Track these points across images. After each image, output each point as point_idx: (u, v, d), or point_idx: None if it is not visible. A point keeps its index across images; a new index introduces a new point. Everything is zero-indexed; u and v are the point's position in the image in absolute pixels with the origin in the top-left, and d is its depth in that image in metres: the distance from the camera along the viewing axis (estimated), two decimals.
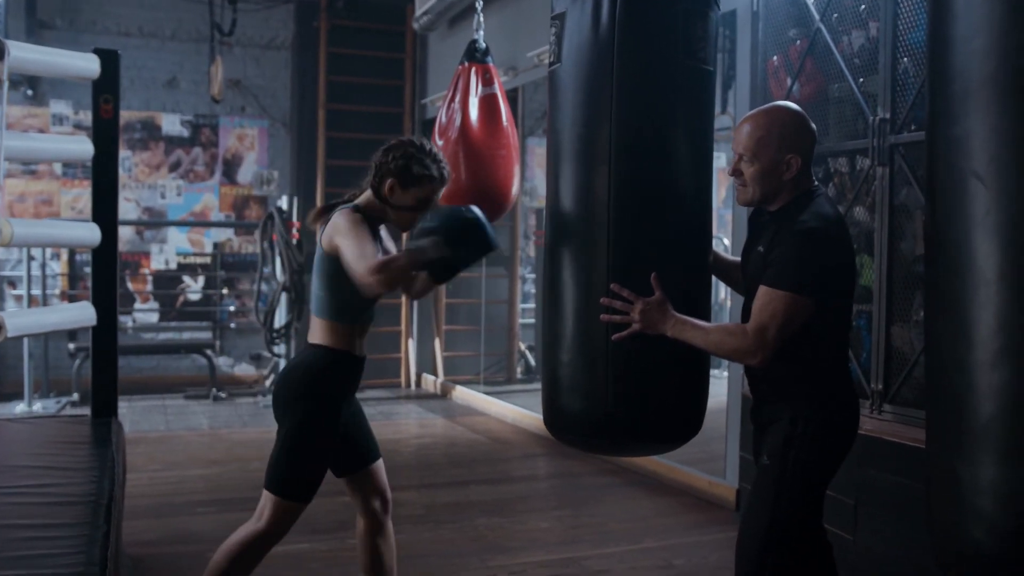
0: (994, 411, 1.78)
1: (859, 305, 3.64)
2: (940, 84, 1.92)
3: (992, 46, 1.77)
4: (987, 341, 1.79)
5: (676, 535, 4.20)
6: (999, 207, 1.77)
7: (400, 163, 2.60)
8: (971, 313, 1.81)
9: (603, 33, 2.29)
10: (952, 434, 1.87)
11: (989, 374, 1.79)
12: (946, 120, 1.88)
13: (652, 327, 2.29)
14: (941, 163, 1.91)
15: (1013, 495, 1.77)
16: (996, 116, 1.77)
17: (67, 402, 7.13)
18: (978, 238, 1.80)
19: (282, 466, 2.61)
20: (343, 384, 2.67)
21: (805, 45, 3.93)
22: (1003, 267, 1.77)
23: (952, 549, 1.91)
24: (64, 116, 7.96)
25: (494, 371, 8.42)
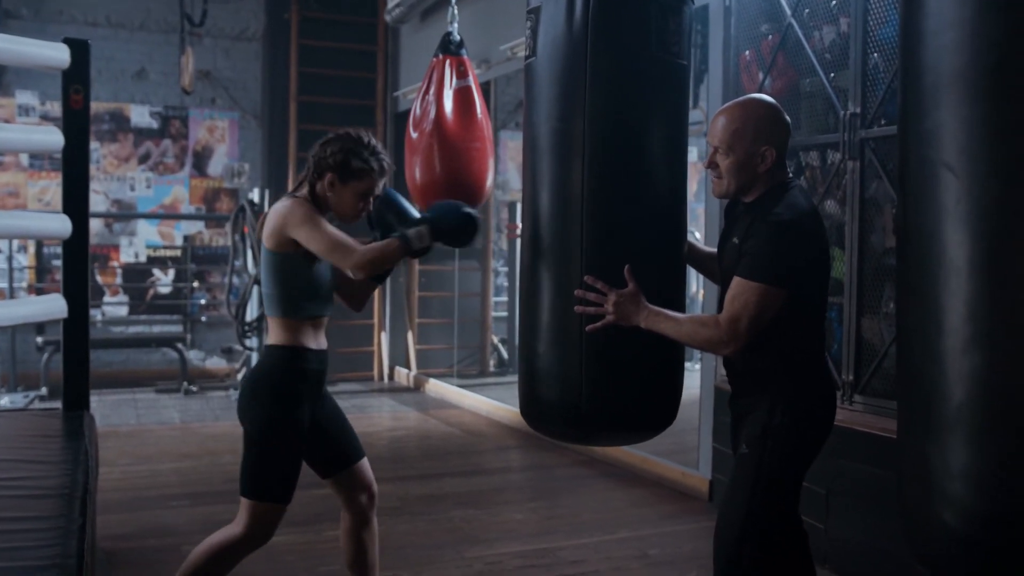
0: (964, 397, 1.82)
1: (830, 297, 3.66)
2: (912, 78, 1.96)
3: (963, 41, 1.81)
4: (957, 329, 1.82)
5: (650, 525, 4.23)
6: (969, 197, 1.80)
7: (339, 157, 2.59)
8: (942, 301, 1.85)
9: (577, 27, 2.30)
10: (923, 420, 1.91)
11: (959, 361, 1.82)
12: (917, 113, 1.91)
13: (625, 319, 2.31)
14: (912, 155, 1.95)
15: (981, 478, 1.81)
16: (967, 108, 1.81)
17: (35, 396, 7.05)
18: (948, 228, 1.84)
19: (253, 470, 2.60)
20: (303, 379, 2.62)
21: (777, 40, 3.96)
22: (973, 256, 1.80)
23: (922, 532, 1.95)
24: (30, 107, 7.86)
25: (467, 364, 8.43)
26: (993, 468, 1.80)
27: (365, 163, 2.60)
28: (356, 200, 2.62)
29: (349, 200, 2.62)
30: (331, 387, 2.87)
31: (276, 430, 2.58)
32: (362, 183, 2.61)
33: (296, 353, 2.61)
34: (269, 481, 2.59)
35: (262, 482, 2.59)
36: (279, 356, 2.61)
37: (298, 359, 2.61)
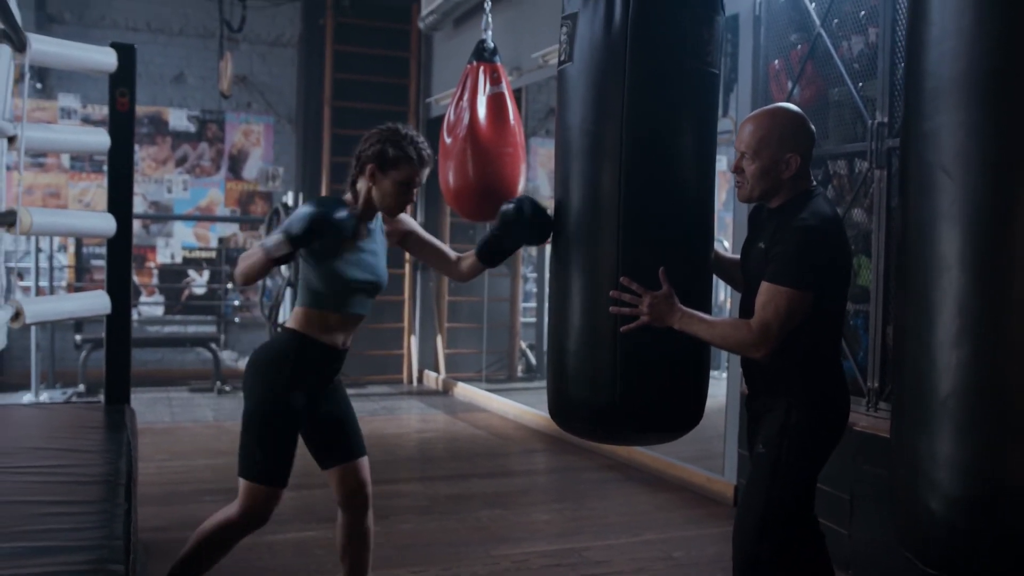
0: (952, 387, 1.90)
1: (856, 305, 3.72)
2: (915, 83, 2.04)
3: (962, 48, 1.89)
4: (948, 323, 1.91)
5: (675, 528, 4.27)
6: (963, 198, 1.89)
7: (376, 148, 2.65)
8: (934, 296, 1.94)
9: (615, 34, 2.37)
10: (914, 411, 2.00)
11: (948, 353, 1.91)
12: (918, 117, 2.00)
13: (660, 320, 2.37)
14: (912, 158, 2.03)
15: (966, 466, 1.90)
16: (963, 113, 1.89)
17: (73, 393, 7.20)
18: (942, 227, 1.92)
19: (246, 449, 2.64)
20: (307, 368, 2.67)
21: (806, 49, 4.01)
22: (963, 254, 1.89)
23: (910, 520, 2.03)
24: (72, 109, 8.04)
25: (495, 368, 8.50)
26: (976, 457, 1.88)
27: (403, 151, 2.64)
28: (397, 190, 2.65)
29: (390, 190, 2.65)
30: (361, 389, 2.96)
31: (269, 411, 2.62)
32: (401, 172, 2.64)
33: (303, 339, 2.66)
34: (261, 462, 2.63)
35: (255, 463, 2.63)
36: (287, 339, 2.69)
37: (308, 347, 2.66)
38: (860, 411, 3.61)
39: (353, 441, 2.82)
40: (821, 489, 2.51)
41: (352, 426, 2.84)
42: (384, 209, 2.71)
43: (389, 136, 2.67)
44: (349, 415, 2.85)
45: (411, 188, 2.68)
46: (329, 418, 2.79)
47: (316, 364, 2.70)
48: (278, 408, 2.63)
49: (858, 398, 3.60)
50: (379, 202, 2.69)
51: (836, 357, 2.48)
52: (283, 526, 4.12)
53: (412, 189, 2.69)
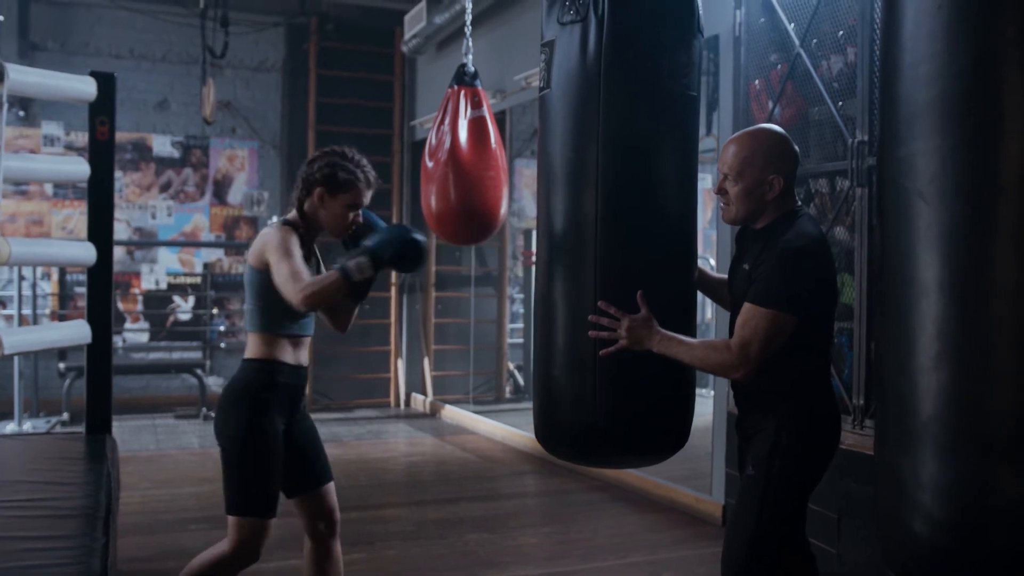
0: (932, 410, 1.91)
1: (840, 323, 3.72)
2: (889, 108, 2.06)
3: (934, 73, 1.90)
4: (927, 346, 1.91)
5: (663, 550, 4.25)
6: (939, 223, 1.90)
7: (326, 171, 2.67)
8: (913, 320, 1.94)
9: (590, 60, 2.37)
10: (896, 433, 2.00)
11: (928, 376, 1.91)
12: (894, 142, 2.01)
13: (638, 343, 2.36)
14: (889, 183, 2.05)
15: (949, 488, 1.89)
16: (937, 138, 1.90)
17: (57, 421, 7.13)
18: (920, 251, 1.93)
19: (233, 486, 2.63)
20: (276, 391, 2.67)
21: (786, 69, 4.03)
22: (941, 278, 1.90)
23: (894, 542, 2.03)
24: (55, 137, 8.01)
25: (483, 390, 8.47)
26: (959, 479, 1.88)
27: (351, 174, 2.68)
28: (346, 212, 2.70)
29: (339, 212, 2.69)
30: (348, 412, 2.95)
31: (251, 441, 2.61)
32: (349, 194, 2.68)
33: (270, 366, 2.66)
34: (249, 496, 2.62)
35: (243, 497, 2.62)
36: (253, 368, 2.67)
37: (272, 372, 2.66)
38: (846, 429, 3.60)
39: (320, 467, 2.81)
40: (809, 508, 2.50)
41: (319, 451, 2.83)
42: (332, 231, 2.74)
43: (337, 160, 2.69)
44: (316, 441, 2.84)
45: (357, 210, 2.73)
46: (297, 445, 2.77)
47: (287, 387, 2.70)
48: (260, 439, 2.62)
49: (844, 416, 3.60)
50: (327, 224, 2.72)
51: (826, 376, 2.47)
52: (267, 555, 4.03)
53: (358, 211, 2.73)
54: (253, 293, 2.68)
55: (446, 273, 8.48)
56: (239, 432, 2.62)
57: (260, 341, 2.68)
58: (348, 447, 6.53)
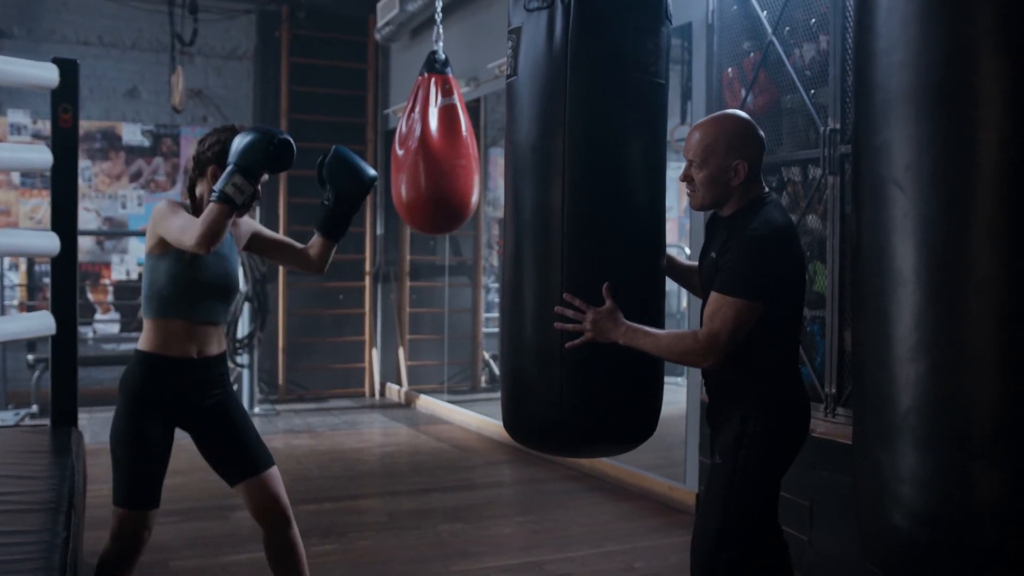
0: (911, 402, 1.89)
1: (813, 311, 3.72)
2: (864, 96, 2.03)
3: (908, 60, 1.88)
4: (905, 337, 1.89)
5: (637, 539, 4.25)
6: (915, 211, 1.88)
7: (216, 148, 2.61)
8: (890, 311, 1.92)
9: (556, 47, 2.35)
10: (874, 425, 1.98)
11: (907, 368, 1.90)
12: (869, 130, 1.99)
13: (603, 336, 2.34)
14: (865, 171, 2.02)
15: (929, 481, 1.88)
16: (912, 126, 1.88)
17: (26, 414, 7.04)
18: (896, 240, 1.91)
19: (113, 475, 2.63)
20: (157, 387, 2.61)
21: (758, 57, 4.02)
22: (918, 268, 1.88)
23: (874, 534, 2.02)
24: (22, 125, 7.89)
25: (458, 380, 8.45)
26: (938, 472, 1.87)
27: None
28: None
29: None
30: (322, 403, 2.90)
31: (120, 435, 2.61)
32: None
33: (153, 360, 2.61)
34: (119, 484, 2.62)
35: (116, 488, 2.62)
36: (136, 361, 2.64)
37: (154, 367, 2.61)
38: (818, 417, 3.61)
39: (253, 455, 2.73)
40: (781, 496, 2.50)
41: (249, 439, 2.74)
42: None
43: (228, 136, 2.60)
44: (243, 429, 2.75)
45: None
46: (219, 434, 2.72)
47: (170, 381, 2.62)
48: (127, 434, 2.60)
49: (816, 404, 3.60)
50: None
51: (794, 365, 2.46)
52: (239, 547, 4.06)
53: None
54: (146, 278, 2.63)
55: (420, 262, 8.44)
56: (116, 430, 2.62)
57: (150, 328, 2.63)
58: (322, 438, 6.49)
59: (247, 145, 2.43)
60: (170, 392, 2.63)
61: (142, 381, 2.61)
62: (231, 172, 2.42)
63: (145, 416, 2.60)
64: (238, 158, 2.43)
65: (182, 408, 2.67)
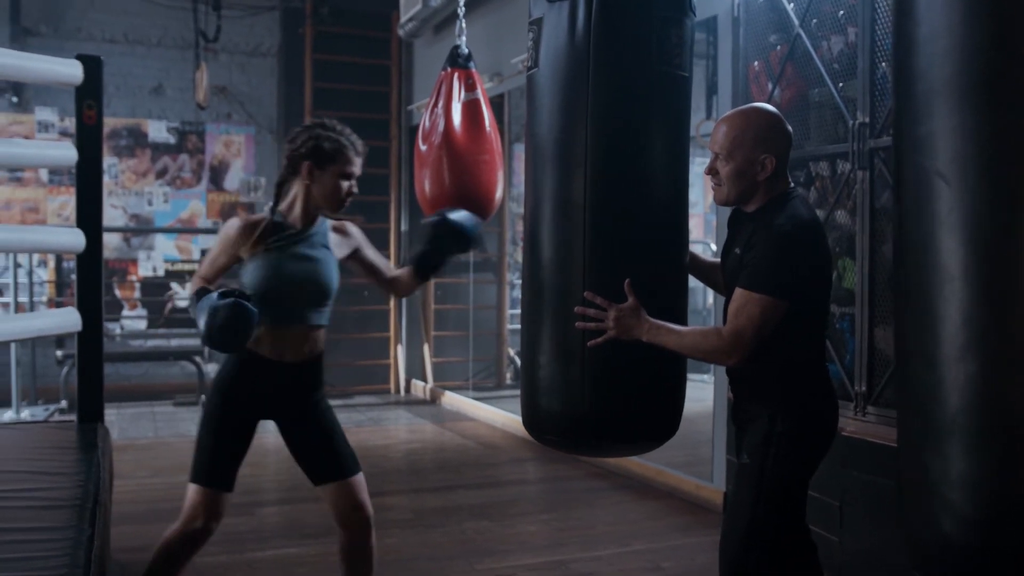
0: (961, 403, 1.82)
1: (842, 308, 3.67)
2: (905, 85, 1.97)
3: (953, 47, 1.81)
4: (953, 336, 1.83)
5: (664, 538, 4.21)
6: (962, 205, 1.81)
7: (310, 144, 2.59)
8: (937, 309, 1.85)
9: (579, 39, 2.31)
10: (921, 427, 1.91)
11: (955, 368, 1.83)
12: (911, 121, 1.92)
13: (626, 333, 2.30)
14: (907, 164, 1.96)
15: (980, 486, 1.82)
16: (958, 115, 1.81)
17: (55, 409, 7.10)
18: (942, 236, 1.84)
19: (193, 458, 2.68)
20: (249, 385, 2.65)
21: (785, 50, 3.96)
22: (966, 263, 1.81)
23: (922, 541, 1.95)
24: (50, 123, 7.95)
25: (483, 376, 8.43)
26: (989, 475, 1.81)
27: (338, 143, 2.60)
28: (338, 183, 2.61)
29: (331, 184, 2.60)
30: (347, 399, 2.91)
31: (204, 421, 2.66)
32: (339, 164, 2.60)
33: (244, 358, 2.63)
34: (197, 463, 2.65)
35: (194, 466, 2.65)
36: (229, 358, 2.67)
37: (245, 364, 2.64)
38: (848, 416, 3.55)
39: (342, 460, 2.74)
40: (810, 496, 2.45)
41: (338, 444, 2.76)
42: (328, 206, 2.64)
43: (320, 131, 2.61)
44: (335, 434, 2.77)
45: (351, 179, 2.63)
46: (312, 436, 2.73)
47: (260, 381, 2.65)
48: (217, 423, 2.64)
49: (846, 403, 3.55)
50: (322, 200, 2.63)
51: (820, 362, 2.42)
52: (264, 543, 4.06)
53: (352, 180, 2.64)
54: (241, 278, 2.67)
55: None
56: (204, 417, 2.68)
57: None
58: (348, 434, 6.31)
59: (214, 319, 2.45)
60: (260, 391, 2.66)
61: (232, 377, 2.65)
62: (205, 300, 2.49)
63: (231, 408, 2.65)
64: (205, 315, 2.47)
65: (271, 406, 2.70)
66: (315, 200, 2.62)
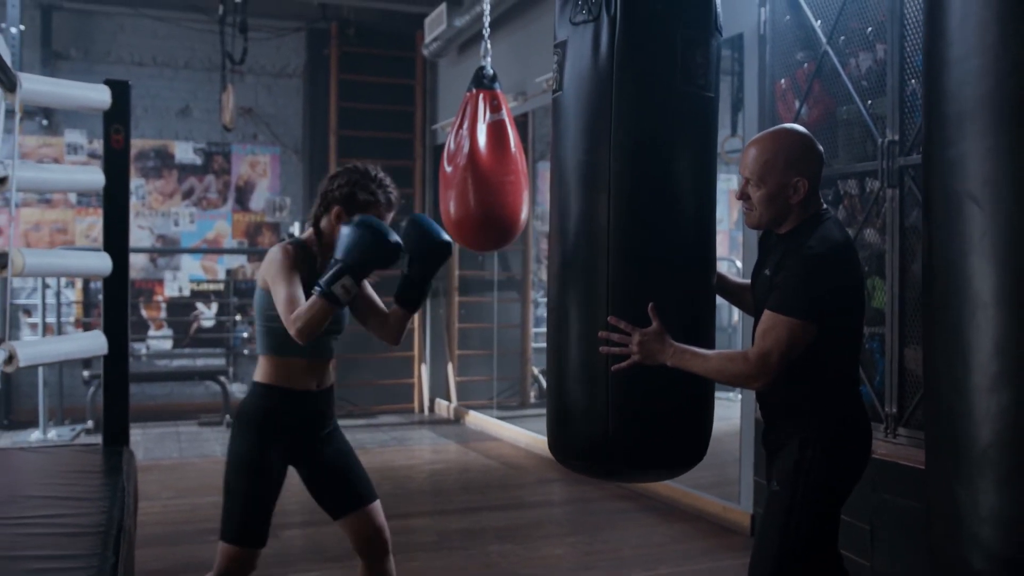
0: (992, 436, 1.78)
1: (872, 328, 3.61)
2: (936, 106, 1.93)
3: (986, 67, 1.77)
4: (985, 365, 1.78)
5: (691, 561, 4.16)
6: (995, 229, 1.77)
7: (345, 190, 2.58)
8: (969, 336, 1.81)
9: (602, 61, 2.29)
10: (951, 458, 1.86)
11: (987, 398, 1.78)
12: (942, 142, 1.88)
13: (651, 358, 2.27)
14: (937, 186, 1.92)
15: (1012, 522, 1.76)
16: (991, 137, 1.77)
17: (82, 429, 7.14)
18: (974, 261, 1.80)
19: (224, 510, 2.60)
20: (281, 419, 2.59)
21: (812, 68, 3.93)
22: (999, 290, 1.76)
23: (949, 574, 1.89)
24: (79, 145, 8.03)
25: (507, 396, 8.40)
26: (1021, 511, 1.75)
27: (372, 195, 2.59)
28: None
29: None
30: (371, 419, 2.88)
31: (245, 472, 2.57)
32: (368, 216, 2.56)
33: (276, 393, 2.59)
34: (237, 525, 2.58)
35: (231, 525, 2.58)
36: (258, 394, 2.61)
37: (277, 398, 2.59)
38: (879, 438, 3.49)
39: (359, 487, 2.73)
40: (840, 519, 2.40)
41: (356, 472, 2.75)
42: None
43: (359, 179, 2.60)
44: (350, 461, 2.75)
45: None
46: (330, 466, 2.71)
47: (292, 413, 2.62)
48: (248, 467, 2.58)
49: (876, 424, 3.49)
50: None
51: (854, 386, 2.37)
52: (288, 566, 4.04)
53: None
54: (260, 314, 2.62)
55: (469, 277, 8.41)
56: (236, 460, 2.59)
57: (268, 364, 2.62)
58: (372, 454, 6.48)
59: (359, 244, 2.41)
60: (292, 423, 2.62)
61: (265, 412, 2.59)
62: (340, 271, 2.41)
63: (267, 447, 2.58)
64: (348, 257, 2.41)
65: (300, 439, 2.66)
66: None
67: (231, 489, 2.59)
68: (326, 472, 2.70)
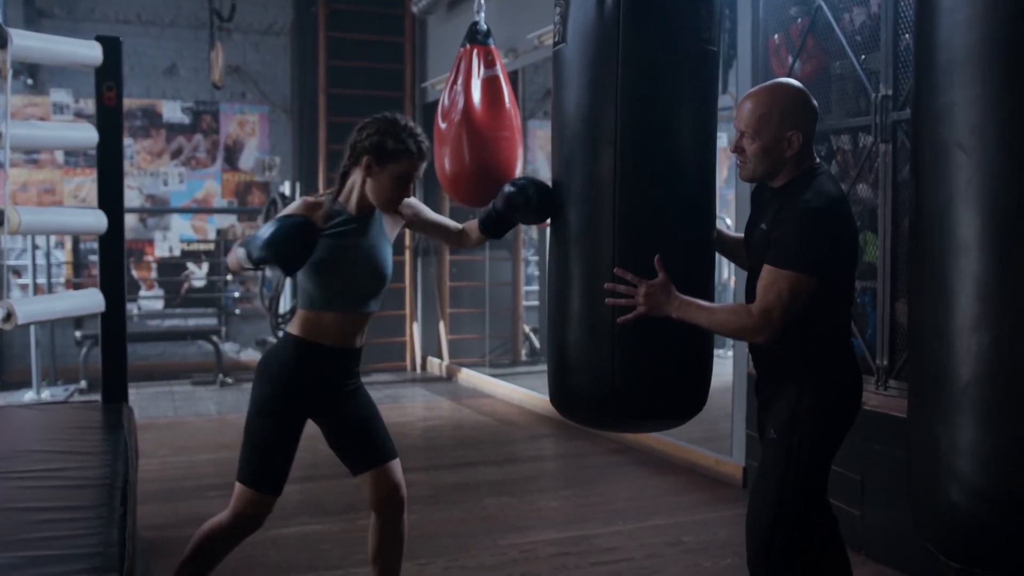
0: (972, 375, 1.83)
1: (863, 282, 3.65)
2: (926, 55, 1.95)
3: (976, 17, 1.80)
4: (966, 307, 1.83)
5: (684, 513, 4.23)
6: (980, 176, 1.81)
7: (375, 139, 2.53)
8: (952, 280, 1.86)
9: (608, 14, 2.28)
10: (932, 399, 1.92)
11: (968, 339, 1.84)
12: (931, 91, 1.91)
13: (656, 309, 2.30)
14: (925, 134, 1.95)
15: (989, 456, 1.83)
16: (979, 86, 1.81)
17: (75, 389, 7.16)
18: (959, 207, 1.85)
19: (243, 453, 2.60)
20: (307, 373, 2.59)
21: (806, 23, 3.93)
22: (982, 235, 1.81)
23: (929, 510, 1.96)
24: (64, 104, 7.96)
25: (499, 353, 8.45)
26: (1000, 447, 1.81)
27: (403, 144, 2.53)
28: (394, 184, 2.55)
29: (387, 184, 2.54)
30: (364, 377, 2.85)
31: (268, 418, 2.57)
32: (399, 165, 2.53)
33: (300, 344, 2.58)
34: (253, 467, 2.58)
35: (250, 469, 2.58)
36: (287, 345, 2.60)
37: (302, 351, 2.58)
38: (870, 390, 3.54)
39: (380, 444, 2.73)
40: (832, 470, 2.46)
41: (377, 429, 2.74)
42: (379, 204, 2.59)
43: (388, 127, 2.55)
44: (373, 417, 2.75)
45: (409, 182, 2.57)
46: (352, 422, 2.71)
47: (318, 368, 2.61)
48: (275, 415, 2.57)
49: (867, 376, 3.53)
50: (374, 196, 2.57)
51: (846, 338, 2.42)
52: (288, 520, 4.09)
53: (410, 183, 2.58)
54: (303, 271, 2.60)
55: None
56: (259, 405, 2.58)
57: (299, 317, 2.61)
58: None
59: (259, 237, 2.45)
60: (321, 378, 2.62)
61: (295, 366, 2.58)
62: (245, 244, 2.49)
63: (293, 400, 2.58)
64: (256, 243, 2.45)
65: (323, 394, 2.65)
66: (369, 194, 2.57)
67: (251, 431, 2.59)
68: (349, 427, 2.70)
